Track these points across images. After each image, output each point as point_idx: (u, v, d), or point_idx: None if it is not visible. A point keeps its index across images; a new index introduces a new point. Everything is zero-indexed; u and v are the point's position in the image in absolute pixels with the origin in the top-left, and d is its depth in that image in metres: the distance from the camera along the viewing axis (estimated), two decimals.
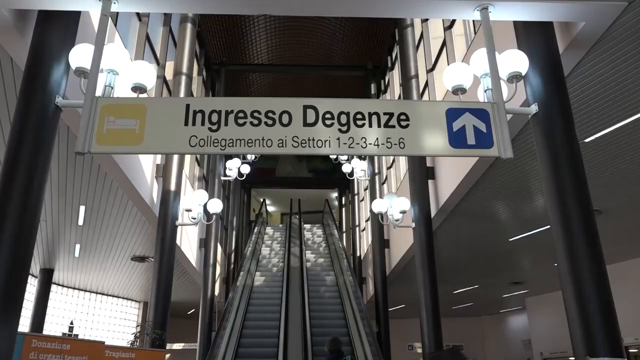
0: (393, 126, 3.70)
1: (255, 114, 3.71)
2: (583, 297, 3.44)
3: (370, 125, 3.70)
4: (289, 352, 8.23)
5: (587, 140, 6.12)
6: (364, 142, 3.66)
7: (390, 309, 12.70)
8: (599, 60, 4.72)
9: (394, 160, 12.90)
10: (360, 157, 14.78)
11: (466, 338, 19.10)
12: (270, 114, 3.72)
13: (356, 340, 9.61)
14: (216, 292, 13.32)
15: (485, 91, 3.94)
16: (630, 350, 10.88)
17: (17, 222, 3.61)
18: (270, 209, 25.34)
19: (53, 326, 14.59)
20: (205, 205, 8.85)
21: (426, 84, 9.54)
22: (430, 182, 8.74)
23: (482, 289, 14.84)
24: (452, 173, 7.83)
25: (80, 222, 9.85)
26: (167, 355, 10.40)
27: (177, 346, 15.65)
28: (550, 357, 15.23)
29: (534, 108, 3.99)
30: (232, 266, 16.94)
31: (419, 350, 15.50)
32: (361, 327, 9.97)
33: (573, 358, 11.72)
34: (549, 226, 3.86)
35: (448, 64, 7.70)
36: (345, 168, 14.73)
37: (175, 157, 8.67)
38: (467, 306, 17.29)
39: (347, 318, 10.71)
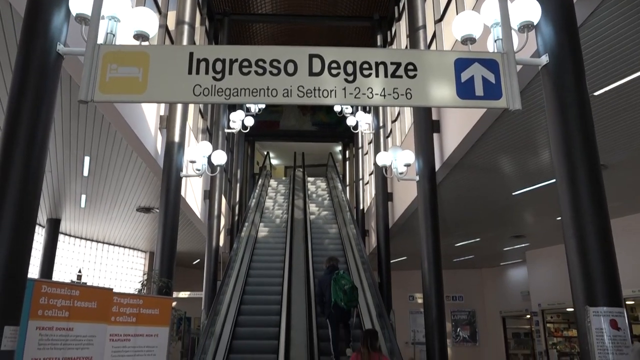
0: (400, 76, 3.64)
1: (260, 63, 3.65)
2: (585, 247, 3.46)
3: (377, 75, 3.64)
4: (293, 299, 8.42)
5: (596, 93, 6.02)
6: (371, 93, 3.61)
7: (392, 260, 12.90)
8: (613, 10, 4.59)
9: (399, 114, 12.78)
10: (365, 110, 14.66)
11: (466, 289, 19.48)
12: (275, 63, 3.65)
13: (358, 289, 9.80)
14: (221, 243, 13.52)
15: (495, 41, 3.85)
16: (627, 302, 11.08)
17: (23, 172, 3.62)
18: (274, 162, 25.36)
19: (62, 275, 14.91)
20: (209, 157, 8.85)
21: (434, 35, 9.32)
22: (435, 135, 8.68)
23: (484, 242, 14.99)
24: (457, 126, 7.77)
25: (85, 173, 9.89)
26: (174, 303, 10.65)
27: (184, 294, 16.02)
28: (548, 309, 15.55)
29: (544, 59, 3.90)
30: (236, 218, 17.11)
31: (420, 301, 15.86)
32: (363, 278, 10.18)
33: (571, 309, 11.89)
34: (553, 180, 3.85)
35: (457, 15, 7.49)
36: (350, 121, 14.63)
37: (179, 108, 8.60)
38: (467, 259, 17.52)
39: (349, 269, 10.90)
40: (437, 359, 7.61)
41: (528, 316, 17.66)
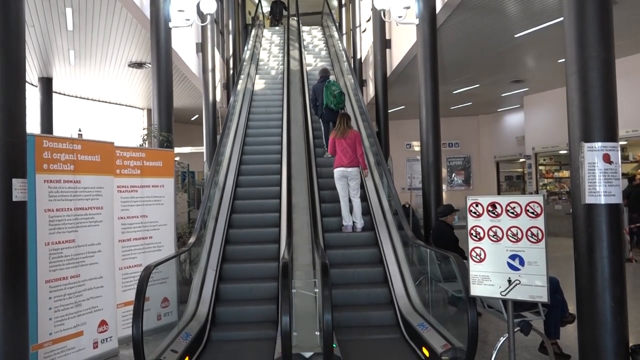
0: None
1: None
2: (586, 83, 3.42)
3: None
4: (292, 145, 8.59)
5: None
6: None
7: (390, 110, 12.89)
8: None
9: None
10: None
11: (462, 136, 19.84)
12: None
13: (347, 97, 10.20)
14: (218, 98, 13.39)
15: None
16: (621, 143, 11.28)
17: (3, 23, 3.45)
18: (267, 11, 24.09)
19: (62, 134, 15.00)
20: (198, 6, 8.38)
21: None
22: None
23: (482, 89, 14.85)
24: None
25: (70, 27, 9.44)
26: (177, 158, 10.89)
27: (185, 150, 16.28)
28: (542, 152, 15.95)
29: None
30: (231, 72, 16.75)
31: (417, 149, 16.21)
32: (362, 127, 10.27)
33: (564, 151, 12.17)
34: (558, 19, 3.68)
35: None
36: None
37: None
38: (465, 106, 17.51)
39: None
40: (433, 203, 7.99)
41: (521, 160, 18.21)
